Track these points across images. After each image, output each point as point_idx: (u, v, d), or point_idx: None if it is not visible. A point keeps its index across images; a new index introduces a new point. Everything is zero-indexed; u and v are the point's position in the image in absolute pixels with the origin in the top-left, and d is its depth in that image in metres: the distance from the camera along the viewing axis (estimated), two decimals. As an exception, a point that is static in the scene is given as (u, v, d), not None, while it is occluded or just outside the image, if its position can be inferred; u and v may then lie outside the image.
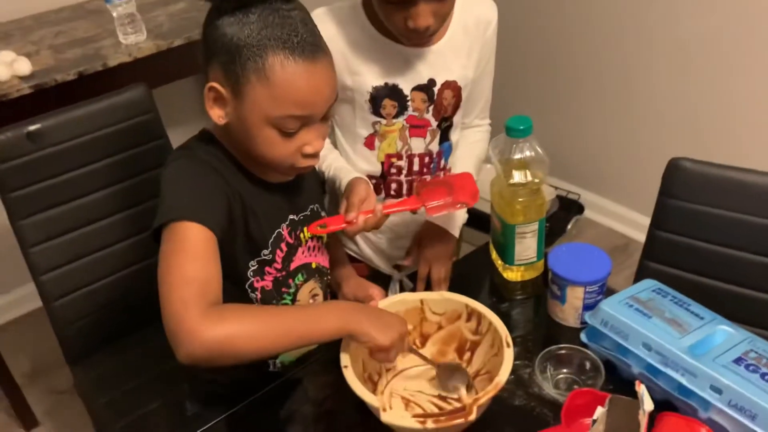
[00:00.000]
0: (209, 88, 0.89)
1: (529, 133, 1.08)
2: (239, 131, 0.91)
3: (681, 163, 1.12)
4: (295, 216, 1.05)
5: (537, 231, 1.14)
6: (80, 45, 1.81)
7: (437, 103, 1.18)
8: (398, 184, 1.25)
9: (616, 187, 2.46)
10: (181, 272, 0.81)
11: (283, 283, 1.04)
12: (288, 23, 0.86)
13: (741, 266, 1.10)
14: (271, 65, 0.85)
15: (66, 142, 1.29)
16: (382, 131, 1.19)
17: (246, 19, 0.85)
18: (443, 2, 1.04)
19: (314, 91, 0.88)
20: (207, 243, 0.85)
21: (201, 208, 0.86)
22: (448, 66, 1.18)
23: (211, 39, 0.88)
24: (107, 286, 1.37)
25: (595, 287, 1.06)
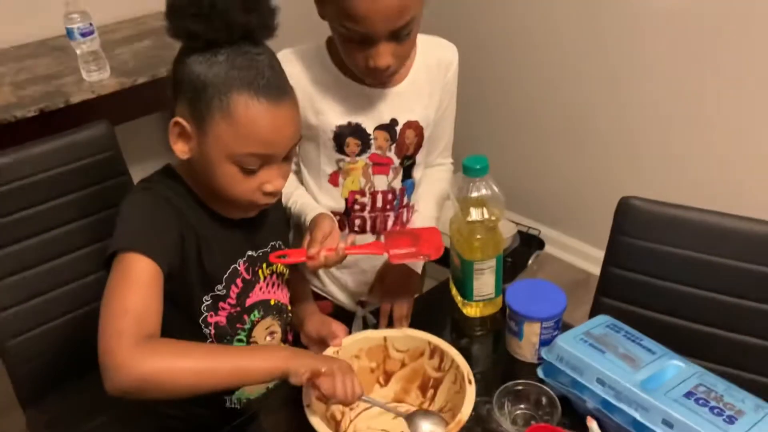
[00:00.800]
0: (174, 122, 0.92)
1: (485, 173, 1.11)
2: (201, 166, 0.93)
3: (631, 202, 1.16)
4: (253, 252, 1.05)
5: (495, 267, 1.16)
6: (42, 82, 1.81)
7: (399, 142, 1.21)
8: (362, 220, 1.26)
9: (575, 224, 2.51)
10: (120, 303, 0.82)
11: (238, 319, 1.04)
12: (255, 66, 0.89)
13: (690, 302, 1.13)
14: (235, 104, 0.87)
15: (24, 179, 1.28)
16: (346, 168, 1.21)
17: (214, 59, 0.88)
18: (403, 43, 1.06)
19: (276, 131, 0.90)
20: (150, 276, 0.86)
21: (150, 241, 0.88)
22: (409, 107, 1.21)
23: (180, 75, 0.91)
24: (64, 325, 1.34)
25: (551, 323, 1.08)
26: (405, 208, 1.29)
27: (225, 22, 0.86)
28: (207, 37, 0.87)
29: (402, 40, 1.06)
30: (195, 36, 0.87)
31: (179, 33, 0.88)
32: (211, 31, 0.86)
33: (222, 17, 0.86)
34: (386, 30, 1.02)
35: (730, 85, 1.90)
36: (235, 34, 0.88)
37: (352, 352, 1.06)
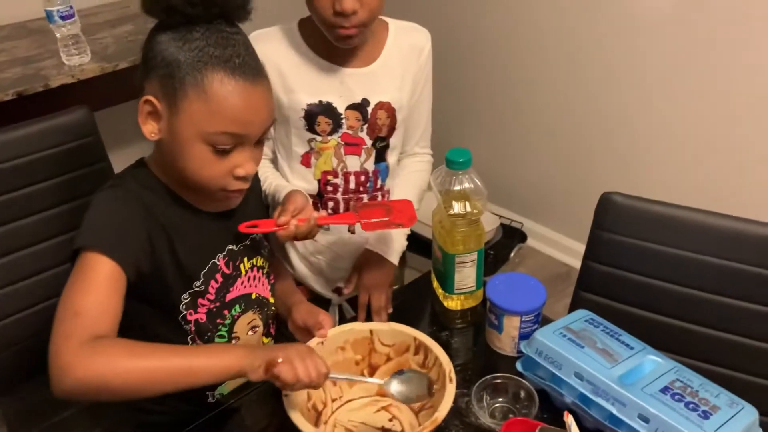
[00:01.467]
0: (144, 101, 0.89)
1: (468, 166, 1.11)
2: (171, 149, 0.91)
3: (612, 198, 1.16)
4: (233, 246, 1.04)
5: (476, 261, 1.16)
6: (21, 64, 1.78)
7: (371, 123, 1.22)
8: (335, 202, 1.27)
9: (557, 217, 2.53)
10: (73, 305, 0.81)
11: (218, 314, 1.03)
12: (230, 44, 0.88)
13: (669, 297, 1.14)
14: (210, 81, 0.86)
15: (2, 164, 1.25)
16: (318, 148, 1.22)
17: (189, 36, 0.86)
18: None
19: (251, 111, 0.89)
20: (110, 276, 0.84)
21: (113, 242, 0.86)
22: (381, 87, 1.21)
23: (152, 53, 0.89)
24: (39, 313, 1.32)
25: (531, 317, 1.08)
26: (379, 192, 1.30)
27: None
28: (184, 11, 0.85)
29: None
30: (172, 10, 0.85)
31: (155, 8, 0.87)
32: (188, 5, 0.85)
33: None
34: None
35: (712, 82, 1.91)
36: (212, 11, 0.87)
37: (338, 343, 1.06)
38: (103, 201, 0.92)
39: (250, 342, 1.09)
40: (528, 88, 2.41)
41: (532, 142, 2.48)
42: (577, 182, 2.38)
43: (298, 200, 1.09)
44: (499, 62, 2.46)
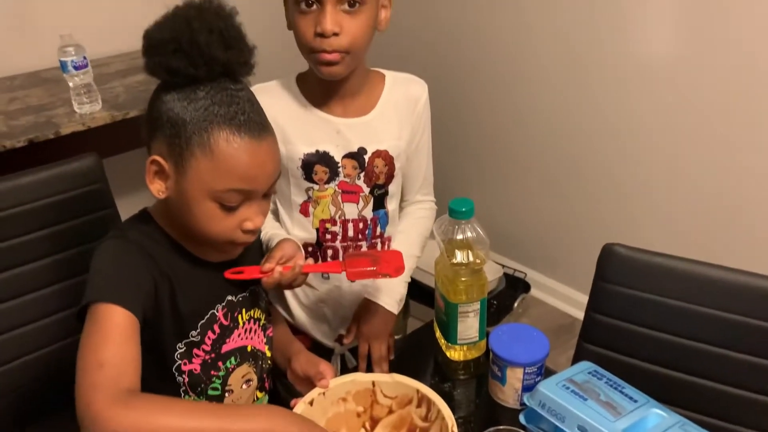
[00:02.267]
0: (151, 161, 0.90)
1: (471, 215, 1.12)
2: (179, 206, 0.92)
3: (614, 249, 1.17)
4: (233, 297, 1.04)
5: (479, 311, 1.16)
6: (33, 112, 1.82)
7: (368, 170, 1.24)
8: (334, 250, 1.27)
9: (561, 267, 2.52)
10: (96, 356, 0.80)
11: (213, 366, 1.01)
12: (235, 102, 0.89)
13: (672, 350, 1.13)
14: (216, 140, 0.87)
15: (12, 209, 1.27)
16: (315, 196, 1.24)
17: (194, 95, 0.88)
18: (352, 15, 1.10)
19: (258, 166, 0.90)
20: (126, 326, 0.84)
21: (123, 291, 0.86)
22: (378, 136, 1.24)
23: (157, 113, 0.90)
24: (43, 358, 1.32)
25: (534, 368, 1.07)
26: (379, 239, 1.30)
27: (205, 58, 0.86)
28: (187, 72, 0.87)
29: (351, 8, 1.10)
30: (175, 72, 0.87)
31: (158, 69, 0.88)
32: (191, 66, 0.86)
33: (202, 53, 0.86)
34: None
35: (716, 137, 1.93)
36: (215, 70, 0.88)
37: (339, 394, 1.04)
38: (108, 252, 0.92)
39: (244, 396, 1.07)
40: (530, 139, 2.44)
41: (535, 191, 2.50)
42: (581, 233, 2.39)
43: (287, 248, 1.09)
44: (500, 112, 2.50)
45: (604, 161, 2.23)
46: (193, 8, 0.89)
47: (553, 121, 2.34)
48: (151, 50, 0.88)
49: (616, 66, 2.09)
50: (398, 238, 1.32)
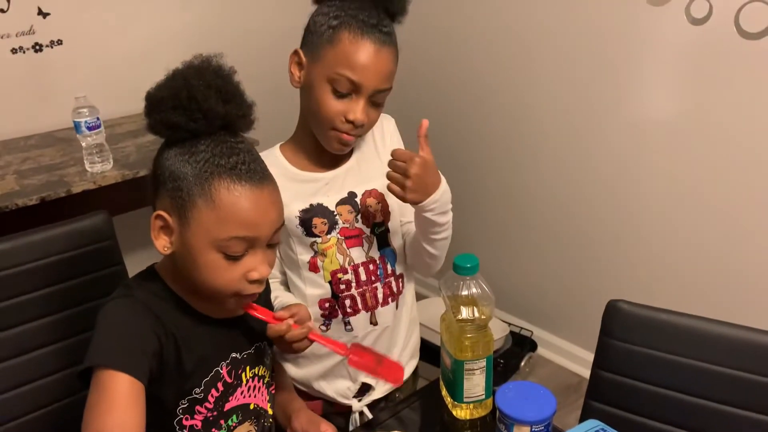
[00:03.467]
0: (156, 216, 0.92)
1: (475, 271, 1.13)
2: (184, 259, 0.93)
3: (618, 305, 1.17)
4: (237, 354, 1.03)
5: (485, 368, 1.15)
6: (46, 171, 1.85)
7: (363, 212, 1.27)
8: (351, 299, 1.27)
9: (568, 326, 2.51)
10: (100, 425, 0.81)
11: (214, 423, 1.00)
12: (235, 152, 0.91)
13: (678, 407, 1.12)
14: (217, 189, 0.88)
15: (22, 266, 1.28)
16: (321, 249, 1.25)
17: (194, 149, 0.90)
18: (376, 109, 1.18)
19: (260, 213, 0.91)
20: (131, 393, 0.84)
21: (129, 356, 0.87)
22: (364, 177, 1.28)
23: (161, 169, 0.93)
24: (50, 415, 1.31)
25: (542, 426, 1.06)
26: (392, 277, 1.31)
27: (204, 112, 0.89)
28: (187, 127, 0.89)
29: (376, 105, 1.18)
30: (175, 127, 0.89)
31: (159, 126, 0.91)
32: (191, 121, 0.89)
33: (201, 108, 0.88)
34: (374, 85, 1.14)
35: (718, 191, 1.96)
36: (214, 123, 0.91)
37: None
38: (115, 313, 0.92)
39: None
40: (533, 197, 2.46)
41: (539, 249, 2.51)
42: (586, 290, 2.38)
43: (302, 311, 1.09)
44: (503, 170, 2.53)
45: (608, 218, 2.25)
46: (192, 68, 0.92)
47: (555, 179, 2.37)
48: (152, 109, 0.91)
49: (620, 124, 2.13)
50: None
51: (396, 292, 1.32)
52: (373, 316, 1.30)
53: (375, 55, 1.12)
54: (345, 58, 1.12)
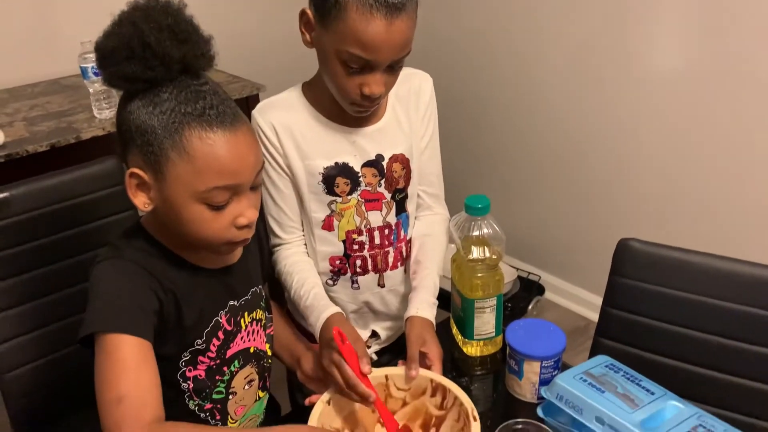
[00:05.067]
0: (130, 174, 0.88)
1: (487, 212, 1.13)
2: (167, 214, 0.89)
3: (629, 244, 1.18)
4: (235, 302, 1.02)
5: (495, 306, 1.17)
6: (54, 118, 1.85)
7: (388, 176, 1.23)
8: (362, 260, 1.27)
9: (575, 270, 2.52)
10: (113, 391, 0.80)
11: (218, 371, 1.00)
12: (201, 97, 0.86)
13: (689, 343, 1.14)
14: (189, 139, 0.84)
15: (33, 211, 1.29)
16: (339, 209, 1.22)
17: (157, 99, 0.85)
18: (394, 74, 1.11)
19: (238, 159, 0.87)
20: (139, 353, 0.83)
21: (130, 317, 0.85)
22: (392, 141, 1.23)
23: (126, 124, 0.87)
24: (63, 360, 1.33)
25: (551, 362, 1.08)
26: (403, 242, 1.30)
27: (160, 58, 0.83)
28: (145, 77, 0.84)
29: (395, 71, 1.10)
30: (132, 78, 0.84)
31: (115, 79, 0.86)
32: (148, 69, 0.83)
33: (156, 54, 0.83)
34: (389, 59, 1.06)
35: (727, 132, 1.94)
36: (173, 69, 0.85)
37: None
38: (107, 276, 0.90)
39: (246, 396, 1.07)
40: (542, 142, 2.45)
41: (548, 194, 2.51)
42: (594, 234, 2.39)
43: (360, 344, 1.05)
44: (513, 114, 2.51)
45: (617, 162, 2.24)
46: (138, 10, 0.85)
47: (564, 122, 2.35)
48: (105, 62, 0.85)
49: (632, 67, 2.10)
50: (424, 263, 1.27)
51: (405, 257, 1.31)
52: (382, 278, 1.29)
53: (386, 30, 1.02)
54: (354, 35, 1.02)
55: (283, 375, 1.23)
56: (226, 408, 1.03)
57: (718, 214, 2.03)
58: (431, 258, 1.28)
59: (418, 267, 1.28)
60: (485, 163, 2.67)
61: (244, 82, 2.11)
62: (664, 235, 1.95)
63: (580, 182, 2.38)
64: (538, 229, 2.58)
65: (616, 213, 2.30)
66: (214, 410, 1.01)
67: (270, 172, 1.20)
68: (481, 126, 2.62)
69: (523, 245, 2.62)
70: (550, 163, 2.45)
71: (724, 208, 2.01)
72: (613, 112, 2.19)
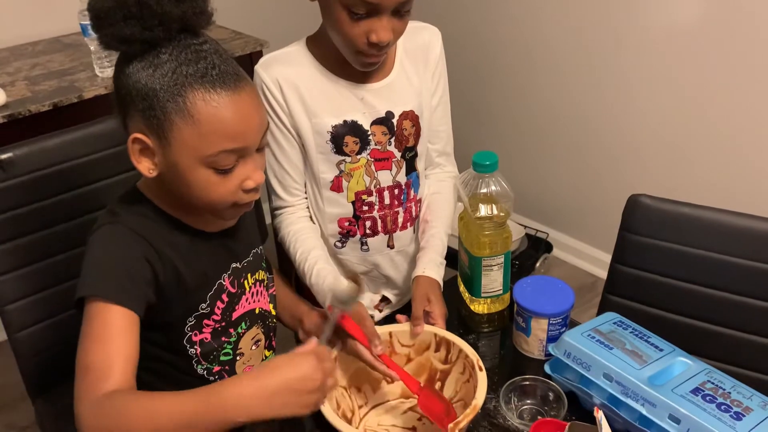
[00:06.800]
0: (132, 140, 0.85)
1: (494, 169, 1.11)
2: (173, 179, 0.87)
3: (640, 200, 1.16)
4: (237, 264, 1.01)
5: (503, 264, 1.16)
6: (56, 77, 1.83)
7: (398, 134, 1.20)
8: (372, 221, 1.25)
9: (583, 227, 2.51)
10: (84, 360, 0.79)
11: (224, 333, 1.00)
12: (202, 57, 0.83)
13: (698, 300, 1.13)
14: (192, 102, 0.81)
15: (37, 172, 1.28)
16: (348, 169, 1.20)
17: (157, 60, 0.82)
18: (402, 19, 1.07)
19: (243, 121, 0.84)
20: (122, 325, 0.82)
21: (119, 287, 0.83)
22: (402, 97, 1.20)
23: (125, 88, 0.84)
24: (72, 318, 1.32)
25: (559, 319, 1.08)
26: (413, 202, 1.29)
27: (158, 17, 0.80)
28: (143, 38, 0.80)
29: (402, 16, 1.06)
30: (130, 40, 0.80)
31: (112, 41, 0.82)
32: (146, 30, 0.80)
33: (154, 13, 0.80)
34: (395, 2, 1.02)
35: (736, 85, 1.90)
36: (171, 28, 0.82)
37: None
38: (102, 244, 0.88)
39: (254, 357, 1.07)
40: (549, 98, 2.41)
41: (556, 151, 2.48)
42: (602, 192, 2.37)
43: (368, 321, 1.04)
44: (521, 72, 2.47)
45: (626, 117, 2.20)
46: None
47: (573, 77, 2.30)
48: (100, 23, 0.82)
49: (637, 26, 2.05)
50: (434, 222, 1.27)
51: (415, 217, 1.30)
52: (391, 239, 1.28)
53: None
54: None
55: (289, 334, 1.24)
56: (234, 370, 1.03)
57: (729, 169, 2.00)
58: (439, 217, 1.28)
59: (426, 226, 1.27)
60: (493, 119, 2.64)
61: (247, 38, 2.06)
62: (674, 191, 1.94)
63: (588, 138, 2.35)
64: (546, 186, 2.56)
65: (624, 169, 2.28)
66: (223, 372, 1.02)
67: (274, 132, 1.17)
68: (487, 82, 2.58)
69: (531, 202, 2.61)
70: (559, 119, 2.42)
71: (735, 163, 1.98)
72: (622, 66, 2.15)
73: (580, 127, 2.36)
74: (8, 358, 1.32)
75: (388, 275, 1.32)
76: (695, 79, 1.98)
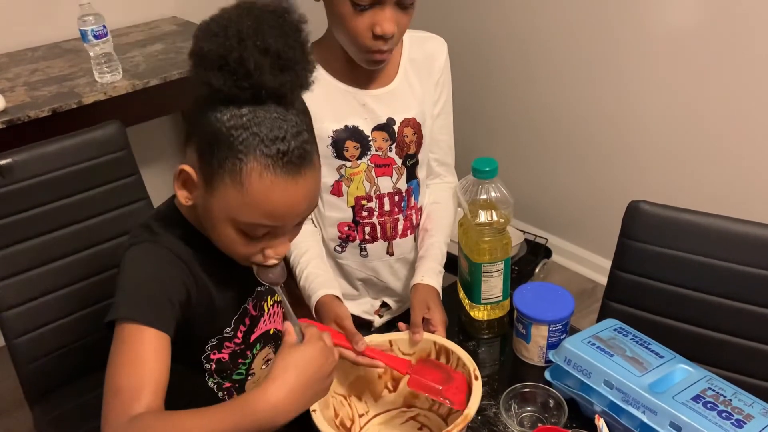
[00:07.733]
0: (180, 170, 0.84)
1: (494, 175, 1.11)
2: (203, 218, 0.87)
3: (640, 206, 1.16)
4: (261, 287, 1.01)
5: (503, 270, 1.16)
6: (56, 83, 1.82)
7: (399, 141, 1.21)
8: (371, 227, 1.25)
9: (582, 232, 2.51)
10: (115, 382, 0.78)
11: (241, 354, 1.00)
12: (279, 130, 0.79)
13: (698, 306, 1.13)
14: (248, 172, 0.78)
15: (36, 177, 1.28)
16: (348, 174, 1.20)
17: (236, 112, 0.78)
18: (406, 12, 1.07)
19: (289, 206, 0.82)
20: (155, 347, 0.80)
21: (154, 310, 0.82)
22: (404, 105, 1.20)
23: (195, 119, 0.83)
24: (71, 324, 1.34)
25: (559, 326, 1.08)
26: (413, 210, 1.29)
27: (252, 82, 0.76)
28: (230, 93, 0.77)
29: (406, 9, 1.06)
30: (215, 90, 0.77)
31: (198, 81, 0.79)
32: (235, 89, 0.77)
33: (250, 76, 0.76)
34: None
35: (736, 92, 1.90)
36: (262, 96, 0.78)
37: None
38: (141, 263, 0.87)
39: (263, 376, 1.04)
40: (549, 104, 2.41)
41: (555, 157, 2.48)
42: (602, 197, 2.37)
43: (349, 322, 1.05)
44: (519, 76, 2.47)
45: (625, 123, 2.20)
46: (250, 18, 0.77)
47: (573, 83, 2.30)
48: (197, 59, 0.78)
49: (637, 29, 2.05)
50: (433, 231, 1.27)
51: (415, 225, 1.30)
52: (391, 246, 1.28)
53: None
54: None
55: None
56: (243, 388, 1.03)
57: (729, 176, 2.00)
58: (439, 226, 1.28)
59: (425, 235, 1.27)
60: (492, 125, 2.64)
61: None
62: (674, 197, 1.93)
63: (588, 144, 2.35)
64: (545, 192, 2.56)
65: (623, 175, 2.28)
66: (233, 389, 1.02)
67: None
68: (487, 88, 2.58)
69: (530, 208, 2.61)
70: (558, 125, 2.42)
71: (735, 170, 1.98)
72: (622, 73, 2.15)
73: (579, 133, 2.36)
74: (6, 365, 1.31)
75: (387, 282, 1.32)
76: (695, 86, 1.98)
